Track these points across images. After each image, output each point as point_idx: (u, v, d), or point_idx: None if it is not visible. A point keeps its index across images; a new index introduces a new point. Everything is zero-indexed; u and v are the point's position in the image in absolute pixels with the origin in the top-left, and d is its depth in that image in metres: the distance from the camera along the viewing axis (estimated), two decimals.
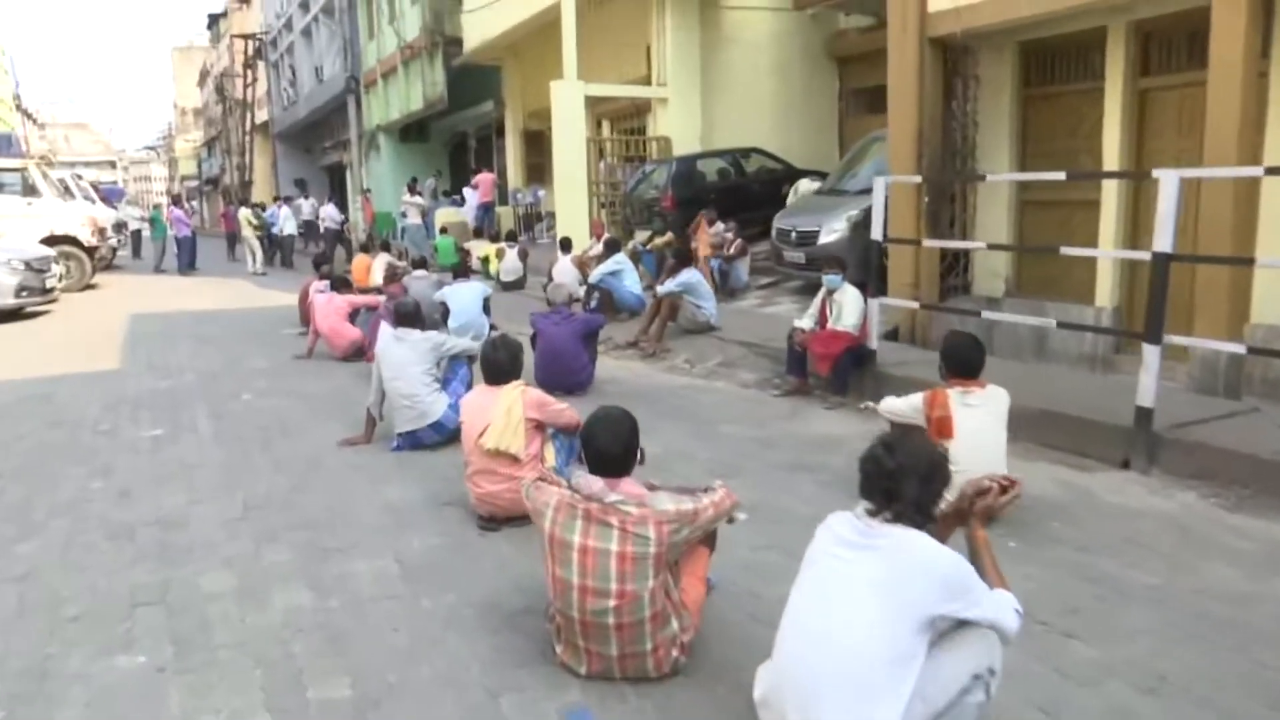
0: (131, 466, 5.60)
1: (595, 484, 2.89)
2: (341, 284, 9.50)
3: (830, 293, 7.36)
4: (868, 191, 10.75)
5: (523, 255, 14.17)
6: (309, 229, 25.18)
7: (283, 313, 13.31)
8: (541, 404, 4.50)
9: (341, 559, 4.08)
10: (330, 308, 9.19)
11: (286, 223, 22.85)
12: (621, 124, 18.77)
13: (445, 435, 5.85)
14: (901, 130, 8.84)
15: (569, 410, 4.63)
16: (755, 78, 17.10)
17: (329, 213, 21.99)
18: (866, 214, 10.38)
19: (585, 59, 15.48)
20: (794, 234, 10.88)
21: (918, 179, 8.39)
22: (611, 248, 10.67)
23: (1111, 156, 8.03)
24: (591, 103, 16.97)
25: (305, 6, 33.92)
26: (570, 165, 15.33)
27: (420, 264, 11.60)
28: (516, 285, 13.94)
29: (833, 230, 10.41)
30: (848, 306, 7.19)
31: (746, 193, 14.78)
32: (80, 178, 30.86)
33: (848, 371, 7.14)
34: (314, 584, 3.82)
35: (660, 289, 9.13)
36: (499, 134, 25.25)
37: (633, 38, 17.96)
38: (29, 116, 78.67)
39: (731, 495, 3.14)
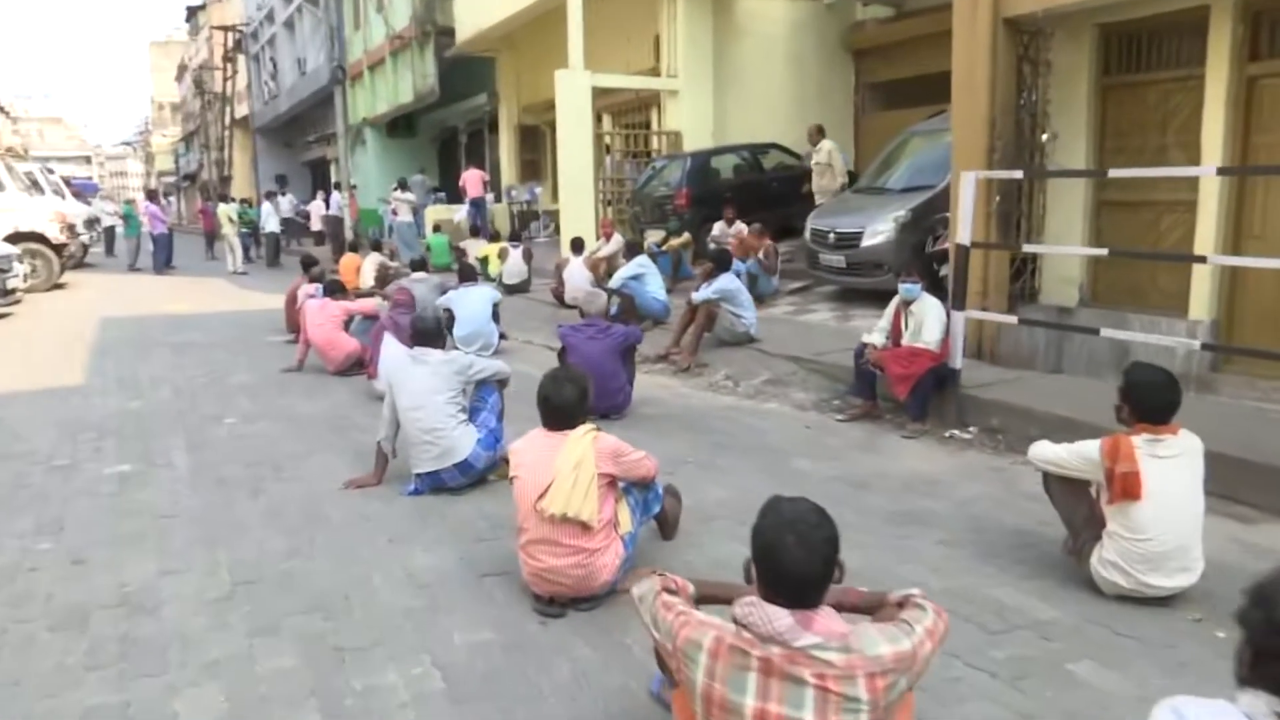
0: (90, 519, 4.56)
1: (779, 619, 1.91)
2: (336, 288, 8.46)
3: (906, 304, 6.41)
4: (913, 190, 9.91)
5: (527, 256, 13.17)
6: (288, 225, 24.08)
7: (266, 317, 12.26)
8: (617, 454, 3.52)
9: (363, 664, 3.08)
10: (323, 315, 8.16)
11: (269, 219, 21.73)
12: (624, 119, 17.79)
13: (472, 476, 4.86)
14: (969, 120, 7.91)
15: (647, 458, 3.66)
16: (769, 70, 16.18)
17: (334, 200, 20.80)
18: (915, 214, 9.53)
19: (588, 50, 14.48)
20: (832, 235, 9.94)
21: (1017, 174, 7.43)
22: (632, 250, 9.68)
23: (1212, 152, 7.12)
24: (593, 96, 16.00)
25: None
26: (576, 160, 14.34)
27: (419, 265, 10.57)
28: (521, 288, 12.93)
29: (877, 232, 9.48)
30: (929, 320, 6.24)
31: (765, 191, 13.85)
32: (51, 171, 29.50)
33: (928, 394, 6.20)
34: (331, 708, 2.82)
35: (696, 295, 8.15)
36: (491, 129, 24.22)
37: (639, 27, 16.98)
38: (1, 110, 76.82)
39: (942, 613, 2.17)
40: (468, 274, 9.41)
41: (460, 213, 19.04)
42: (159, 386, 7.74)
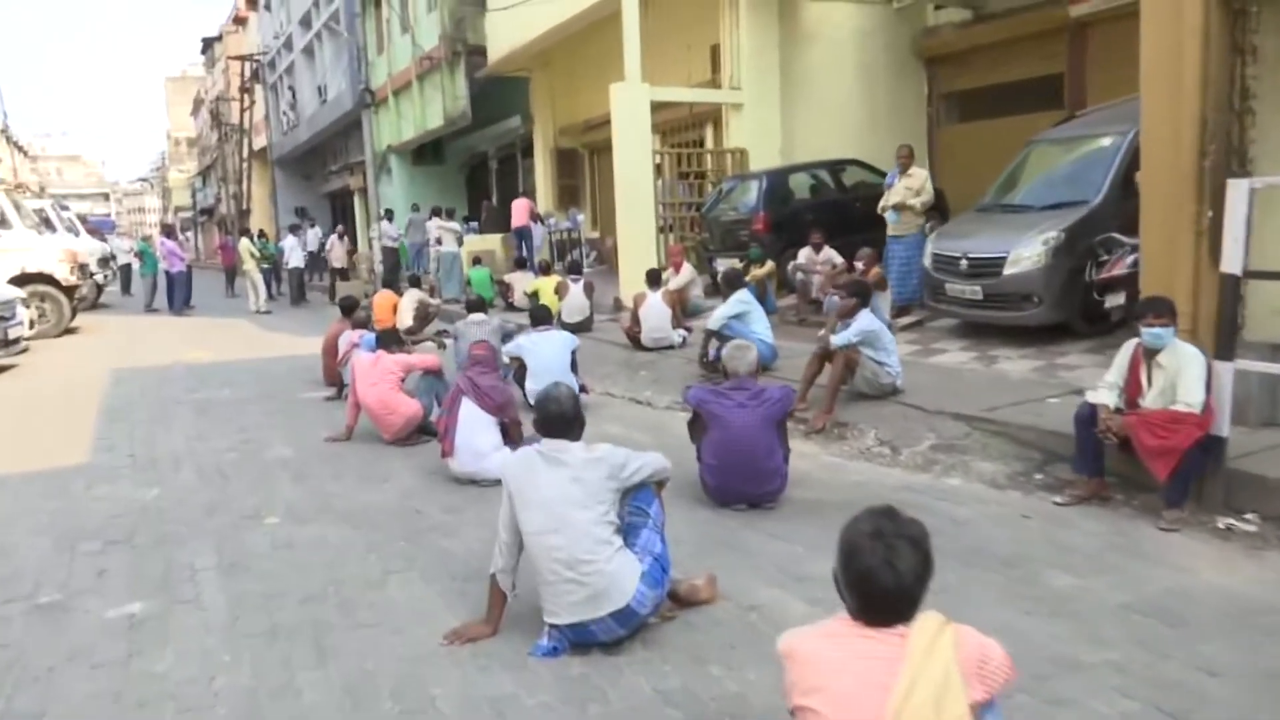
0: (81, 712, 3.08)
1: None
2: (389, 339, 7.01)
3: (1151, 353, 4.90)
4: (1060, 207, 8.42)
5: (589, 290, 11.72)
6: (314, 260, 22.82)
7: (297, 364, 10.87)
8: (983, 662, 2.01)
9: None
10: (377, 372, 6.71)
11: (293, 254, 20.41)
12: (675, 136, 16.45)
13: (633, 627, 3.37)
14: (1166, 119, 6.41)
15: (1006, 661, 2.15)
16: (837, 81, 14.79)
17: (385, 229, 19.44)
18: (1069, 235, 8.04)
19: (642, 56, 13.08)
20: (964, 262, 8.43)
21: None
22: (732, 284, 8.21)
23: None
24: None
25: (307, 23, 31.69)
26: (634, 182, 12.92)
27: (477, 306, 9.12)
28: (583, 327, 11.48)
29: (1024, 257, 7.96)
30: (1188, 375, 4.73)
31: (847, 212, 12.38)
32: (66, 208, 28.56)
33: (1193, 473, 4.68)
34: None
35: (836, 339, 6.66)
36: (525, 154, 22.93)
37: (694, 37, 15.65)
38: (19, 148, 76.56)
39: None
40: (541, 317, 7.97)
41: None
42: (180, 466, 6.29)
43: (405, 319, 13.07)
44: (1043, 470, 5.51)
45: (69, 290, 15.43)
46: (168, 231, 20.99)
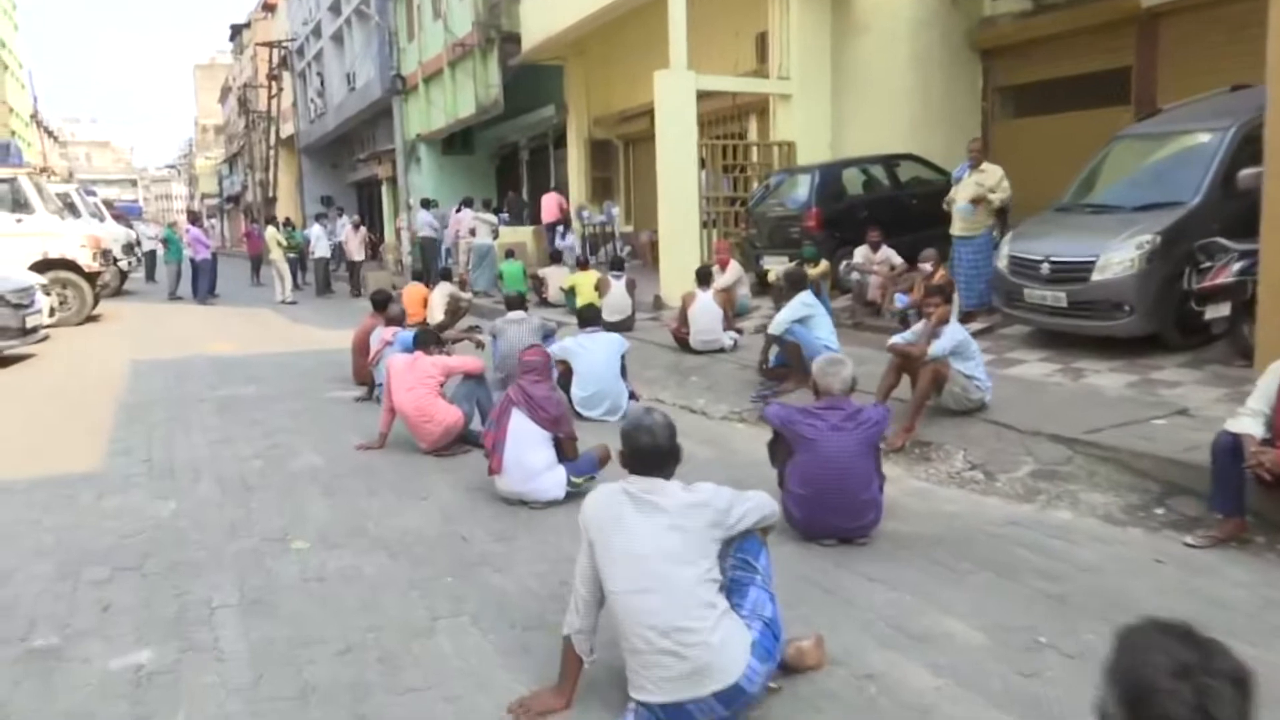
0: None
1: None
2: (428, 339, 6.44)
3: None
4: (1155, 208, 7.74)
5: (631, 287, 11.13)
6: (337, 251, 22.31)
7: (324, 359, 10.36)
8: None
9: None
10: (414, 375, 6.15)
11: (319, 243, 19.92)
12: (716, 129, 15.77)
13: (738, 709, 2.77)
14: None
15: None
16: (889, 72, 14.08)
17: (424, 219, 18.74)
18: (1165, 239, 7.37)
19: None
20: (1046, 266, 7.77)
21: None
22: (796, 284, 7.59)
23: None
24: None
25: (336, 9, 31.27)
26: (678, 175, 12.33)
27: (517, 303, 8.55)
28: (624, 326, 10.88)
29: (1115, 263, 7.30)
30: None
31: (903, 209, 11.75)
32: (93, 193, 28.25)
33: None
34: None
35: (933, 348, 6.02)
36: (557, 144, 22.37)
37: (739, 24, 15.04)
38: (49, 133, 76.86)
39: None
40: (590, 317, 7.39)
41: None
42: (199, 475, 5.74)
43: (435, 314, 12.54)
44: (1163, 504, 4.88)
45: (91, 277, 15.01)
46: (192, 218, 20.62)
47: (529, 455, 4.92)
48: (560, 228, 17.42)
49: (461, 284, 13.67)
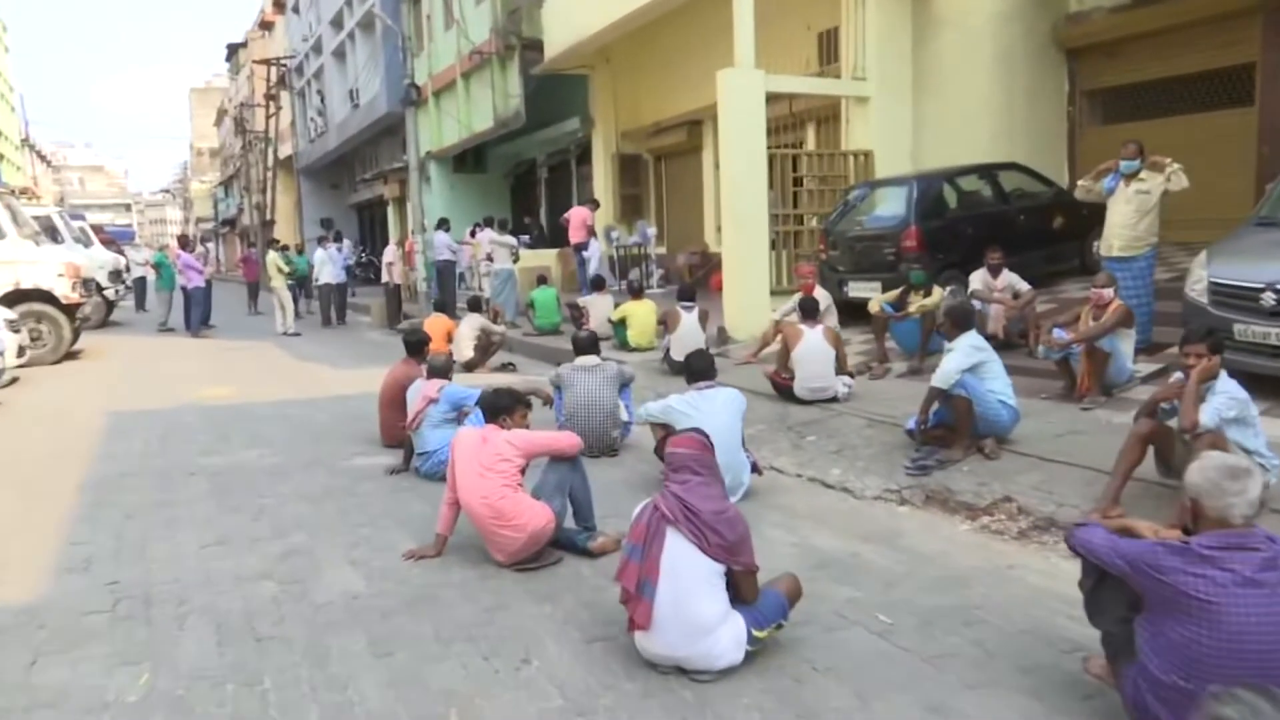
0: None
1: None
2: (502, 405, 4.67)
3: None
4: None
5: (704, 320, 9.41)
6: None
7: (341, 410, 8.65)
8: None
9: None
10: (489, 456, 4.39)
11: (324, 268, 18.10)
12: (771, 139, 14.17)
13: None
14: None
15: None
16: (970, 73, 12.53)
17: (442, 240, 16.93)
18: None
19: (729, 48, 10.77)
20: (1270, 296, 6.08)
21: None
22: (961, 322, 5.87)
23: None
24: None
25: (339, 23, 29.76)
26: (746, 187, 10.67)
27: (589, 347, 6.83)
28: None
29: None
30: None
31: (1011, 227, 10.09)
32: (81, 216, 26.58)
33: None
34: None
35: (1204, 417, 4.31)
36: (580, 160, 20.73)
37: (800, 20, 13.43)
38: (41, 157, 75.39)
39: None
40: (701, 369, 5.62)
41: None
42: (185, 616, 3.93)
43: (464, 349, 10.86)
44: None
45: (70, 309, 13.26)
46: (183, 243, 18.81)
47: (695, 603, 3.19)
48: (592, 240, 15.66)
49: (494, 316, 11.94)
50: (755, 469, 5.64)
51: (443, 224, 17.21)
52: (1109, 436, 5.93)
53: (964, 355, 5.70)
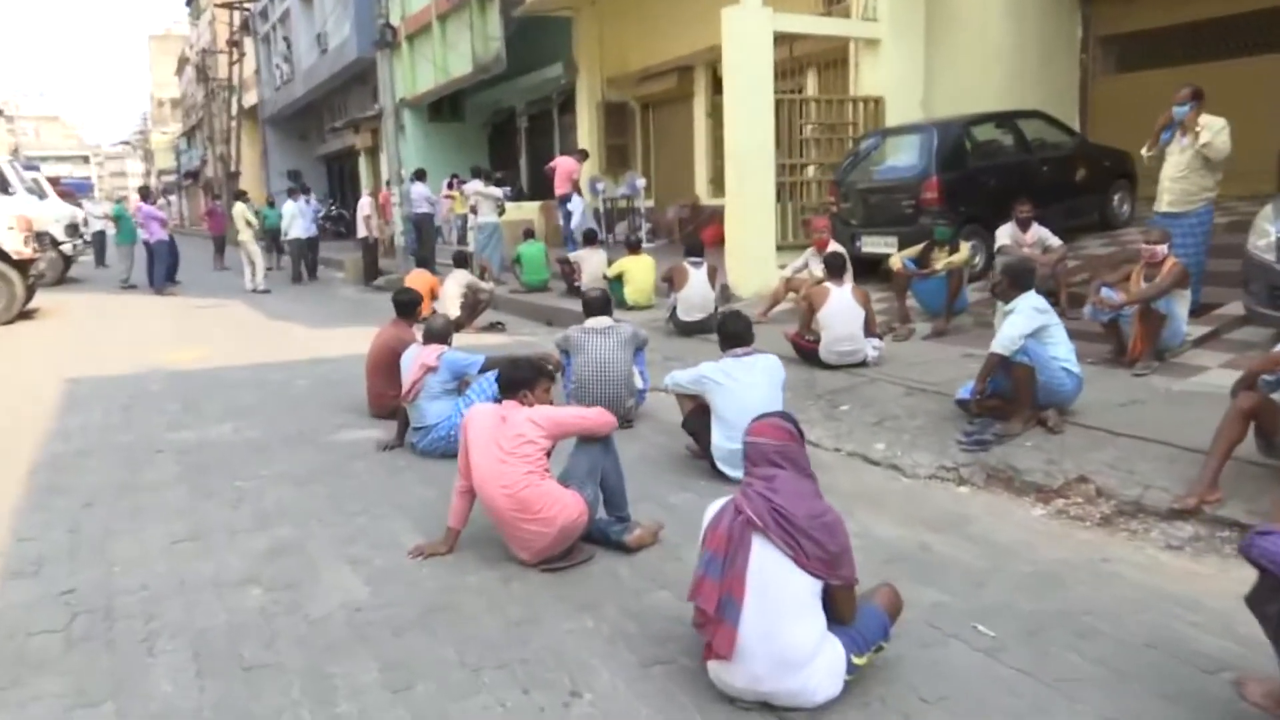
0: None
1: None
2: (521, 377, 4.03)
3: None
4: None
5: (713, 277, 8.77)
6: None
7: (320, 374, 7.99)
8: None
9: None
10: (508, 441, 3.76)
11: (294, 222, 17.14)
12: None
13: None
14: None
15: None
16: (983, 18, 11.85)
17: (419, 192, 15.92)
18: None
19: None
20: None
21: None
22: (1020, 280, 5.28)
23: None
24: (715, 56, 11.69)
25: None
26: (750, 133, 9.97)
27: (600, 307, 6.17)
28: (704, 327, 8.57)
29: None
30: None
31: (1035, 178, 9.51)
32: (34, 167, 25.37)
33: None
34: None
35: None
36: (563, 109, 19.85)
37: None
38: None
39: None
40: (738, 333, 5.00)
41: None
42: (157, 629, 3.28)
43: (449, 307, 10.14)
44: None
45: (23, 265, 12.36)
46: (144, 194, 17.77)
47: (789, 628, 2.61)
48: (574, 194, 14.80)
49: (482, 272, 11.22)
50: None
51: (419, 175, 16.33)
52: (1176, 407, 5.42)
53: (1027, 318, 5.12)
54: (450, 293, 10.34)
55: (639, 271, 10.01)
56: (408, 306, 6.40)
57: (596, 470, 3.94)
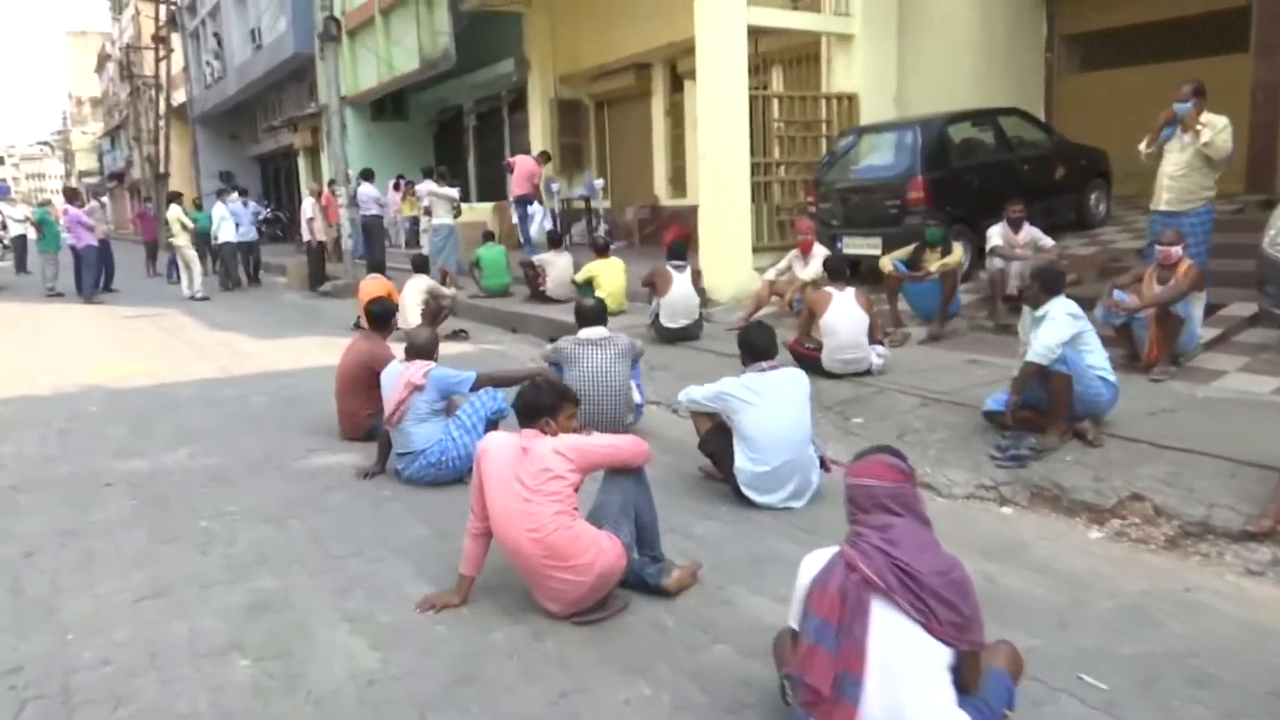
0: None
1: None
2: (542, 403, 3.53)
3: None
4: None
5: (697, 280, 8.35)
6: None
7: (275, 390, 7.39)
8: None
9: None
10: (534, 470, 3.26)
11: (223, 225, 16.06)
12: None
13: None
14: None
15: None
16: (953, 15, 11.63)
17: (367, 193, 15.31)
18: None
19: None
20: None
21: None
22: (1051, 285, 4.95)
23: None
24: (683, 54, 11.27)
25: None
26: (725, 132, 9.58)
27: (594, 316, 5.69)
28: (689, 334, 8.15)
29: None
30: None
31: (1016, 177, 9.30)
32: None
33: None
34: None
35: None
36: (514, 107, 19.27)
37: None
38: None
39: None
40: (764, 347, 4.57)
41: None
42: None
43: (410, 316, 9.55)
44: None
45: None
46: (70, 196, 16.71)
47: (918, 706, 2.18)
48: (528, 204, 14.20)
49: (443, 278, 10.64)
50: (823, 465, 4.66)
51: (367, 175, 15.63)
52: (1210, 416, 5.16)
53: (1063, 325, 4.78)
54: (410, 300, 9.74)
55: (610, 275, 9.54)
56: (382, 318, 5.85)
57: (630, 507, 3.48)
